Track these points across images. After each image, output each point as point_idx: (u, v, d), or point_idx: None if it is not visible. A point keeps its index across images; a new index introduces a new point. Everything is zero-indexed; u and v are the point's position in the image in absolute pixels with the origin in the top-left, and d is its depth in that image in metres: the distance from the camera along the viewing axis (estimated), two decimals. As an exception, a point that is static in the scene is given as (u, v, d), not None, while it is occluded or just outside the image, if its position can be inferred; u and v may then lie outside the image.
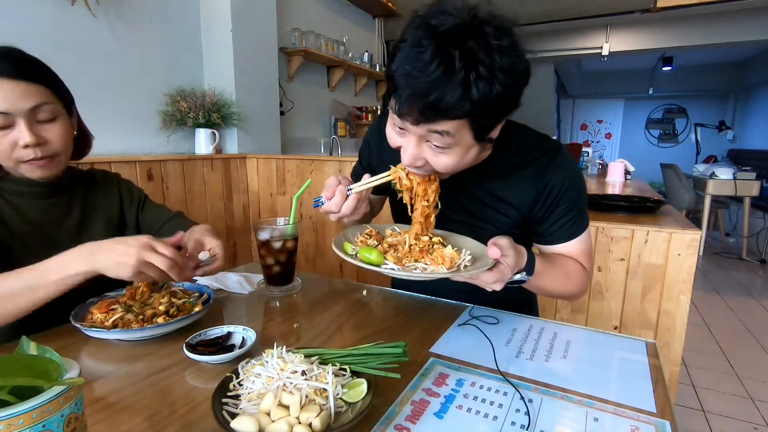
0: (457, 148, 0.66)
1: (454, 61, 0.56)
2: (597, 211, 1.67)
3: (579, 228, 0.84)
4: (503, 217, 0.85)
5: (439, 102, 0.57)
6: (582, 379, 0.64)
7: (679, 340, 1.43)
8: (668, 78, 8.00)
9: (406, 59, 0.58)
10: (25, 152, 0.80)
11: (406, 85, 0.59)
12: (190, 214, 2.16)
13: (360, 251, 0.71)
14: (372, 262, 0.68)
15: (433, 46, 0.56)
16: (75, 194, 0.96)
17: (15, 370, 0.36)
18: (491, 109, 0.61)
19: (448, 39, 0.56)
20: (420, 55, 0.57)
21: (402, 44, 0.60)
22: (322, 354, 0.60)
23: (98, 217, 0.99)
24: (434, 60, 0.56)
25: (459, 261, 0.71)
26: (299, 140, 3.28)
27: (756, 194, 4.24)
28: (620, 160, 3.16)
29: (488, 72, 0.56)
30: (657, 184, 6.04)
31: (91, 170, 1.05)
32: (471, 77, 0.56)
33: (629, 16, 3.88)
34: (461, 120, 0.61)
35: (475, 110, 0.59)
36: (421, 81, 0.57)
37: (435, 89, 0.57)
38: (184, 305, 0.81)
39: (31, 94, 0.78)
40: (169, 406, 0.57)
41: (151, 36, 2.18)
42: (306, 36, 3.08)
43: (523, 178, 0.82)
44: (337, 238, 0.77)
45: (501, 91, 0.58)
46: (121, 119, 2.07)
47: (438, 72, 0.56)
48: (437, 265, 0.70)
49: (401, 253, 0.73)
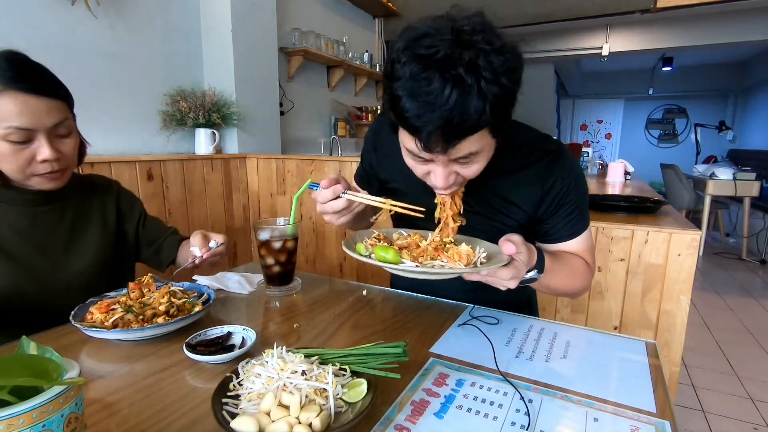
0: (483, 153, 0.67)
1: (463, 78, 0.56)
2: (597, 211, 1.67)
3: (581, 226, 0.85)
4: (508, 218, 0.86)
5: (463, 122, 0.58)
6: (582, 379, 0.64)
7: (679, 341, 1.43)
8: (668, 78, 8.00)
9: (415, 96, 0.58)
10: (42, 166, 0.82)
11: (427, 120, 0.58)
12: (190, 214, 2.17)
13: (375, 251, 0.71)
14: (389, 261, 0.68)
15: (438, 73, 0.56)
16: (68, 201, 0.96)
17: (15, 370, 0.36)
18: (505, 107, 0.62)
19: (448, 62, 0.56)
20: (429, 87, 0.57)
21: (397, 84, 0.59)
22: (322, 354, 0.60)
23: (93, 224, 0.99)
24: (446, 86, 0.56)
25: (475, 258, 0.71)
26: (299, 140, 3.28)
27: (756, 194, 4.24)
28: (620, 160, 3.16)
29: (493, 75, 0.57)
30: (657, 184, 6.04)
31: (90, 176, 1.05)
32: (483, 85, 0.57)
33: (629, 16, 3.88)
34: (483, 130, 0.62)
35: (494, 114, 0.59)
36: (443, 110, 0.57)
37: (457, 112, 0.57)
38: (184, 305, 0.81)
39: (54, 111, 0.80)
40: (169, 406, 0.57)
41: (151, 36, 2.18)
42: (306, 36, 3.08)
43: (527, 179, 0.82)
44: (347, 240, 0.77)
45: (509, 87, 0.60)
46: (121, 119, 2.07)
47: (455, 95, 0.56)
48: (454, 263, 0.69)
49: (416, 252, 0.73)
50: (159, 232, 1.10)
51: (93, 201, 1.01)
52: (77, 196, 0.98)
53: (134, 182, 1.89)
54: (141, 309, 0.77)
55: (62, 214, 0.94)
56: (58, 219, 0.93)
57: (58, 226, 0.93)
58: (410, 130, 0.62)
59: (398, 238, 0.82)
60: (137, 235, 1.08)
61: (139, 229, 1.08)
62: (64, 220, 0.94)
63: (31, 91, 0.77)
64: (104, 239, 1.00)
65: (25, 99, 0.76)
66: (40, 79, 0.80)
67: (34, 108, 0.77)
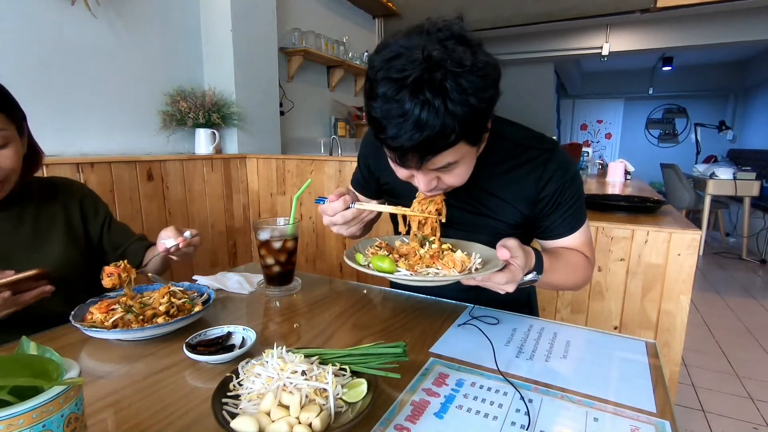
0: (463, 161, 0.69)
1: (431, 101, 0.58)
2: (597, 211, 1.67)
3: (578, 221, 0.86)
4: (504, 216, 0.86)
5: (433, 142, 0.61)
6: (582, 379, 0.64)
7: (679, 340, 1.43)
8: (668, 78, 8.00)
9: (388, 118, 0.61)
10: None
11: (399, 141, 0.61)
12: (189, 214, 2.17)
13: (372, 260, 0.74)
14: (385, 270, 0.71)
15: (408, 96, 0.59)
16: (26, 206, 0.94)
17: (15, 370, 0.36)
18: (478, 121, 0.63)
19: (417, 86, 0.59)
20: (401, 109, 0.59)
21: (374, 104, 0.62)
22: (322, 354, 0.60)
23: (56, 227, 0.97)
24: (415, 108, 0.59)
25: (470, 264, 0.74)
26: (299, 140, 3.28)
27: (756, 194, 4.24)
28: (620, 160, 3.17)
29: (462, 95, 0.59)
30: (657, 184, 6.05)
31: (51, 178, 1.03)
32: (450, 107, 0.59)
33: (629, 16, 3.88)
34: (458, 144, 0.63)
35: (464, 130, 0.61)
36: (413, 132, 0.60)
37: (427, 133, 0.59)
38: (184, 305, 0.81)
39: None
40: (169, 406, 0.57)
41: (151, 36, 2.18)
42: (306, 36, 3.08)
43: (521, 177, 0.83)
44: (349, 250, 0.80)
45: (479, 105, 0.61)
46: (121, 119, 2.07)
47: (424, 116, 0.59)
48: (449, 269, 0.72)
49: (413, 260, 0.75)
50: (125, 237, 1.08)
51: (56, 204, 0.99)
52: (37, 202, 0.96)
53: (134, 182, 1.89)
54: (141, 309, 0.77)
55: (19, 221, 0.93)
56: (15, 226, 0.92)
57: (19, 232, 0.92)
58: (386, 148, 0.66)
59: (400, 245, 0.84)
60: (101, 238, 1.05)
61: (104, 232, 1.06)
62: (24, 226, 0.93)
63: None
64: (71, 241, 0.98)
65: None
66: None
67: None
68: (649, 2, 3.36)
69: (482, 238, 0.85)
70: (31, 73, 1.71)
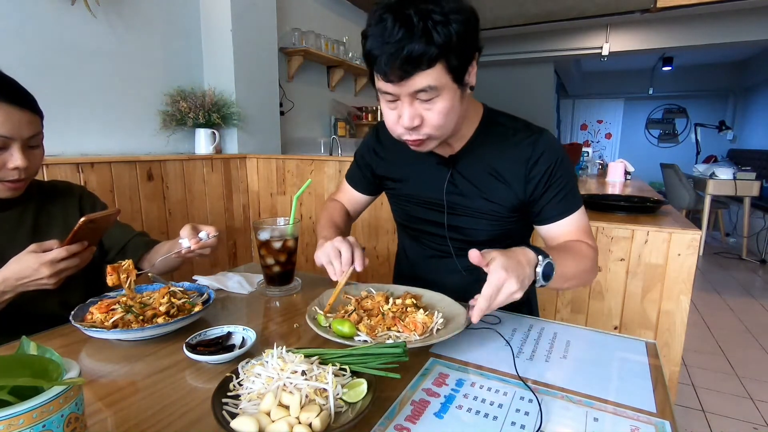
0: (443, 94, 0.73)
1: (412, 18, 0.66)
2: (597, 211, 1.67)
3: (572, 205, 0.87)
4: (501, 200, 0.88)
5: (411, 54, 0.67)
6: (582, 379, 0.64)
7: (679, 340, 1.43)
8: (668, 78, 8.00)
9: (375, 35, 0.69)
10: (11, 173, 0.85)
11: (381, 52, 0.69)
12: (189, 214, 2.17)
13: (333, 324, 0.74)
14: (345, 335, 0.71)
15: (391, 15, 0.67)
16: (27, 207, 0.96)
17: (15, 370, 0.36)
18: (457, 48, 0.69)
19: (401, 6, 0.67)
20: (384, 26, 0.68)
21: (369, 28, 0.71)
22: (322, 354, 0.60)
23: (53, 228, 0.98)
24: (396, 24, 0.67)
25: (431, 325, 0.74)
26: (299, 140, 3.28)
27: (756, 194, 4.24)
28: (620, 160, 3.16)
29: (442, 17, 0.66)
30: (657, 184, 6.04)
31: (52, 182, 1.05)
32: (429, 25, 0.66)
33: (629, 16, 3.89)
34: (436, 66, 0.69)
35: (444, 51, 0.68)
36: (391, 43, 0.67)
37: (404, 45, 0.66)
38: (184, 305, 0.81)
39: (31, 123, 0.85)
40: (169, 406, 0.57)
41: (151, 36, 2.18)
42: (306, 36, 3.08)
43: (513, 155, 0.87)
44: (310, 307, 0.81)
45: (459, 29, 0.67)
46: (121, 119, 2.07)
47: (402, 32, 0.66)
48: (410, 332, 0.72)
49: (374, 321, 0.76)
50: (125, 234, 1.08)
51: (55, 205, 1.01)
52: (37, 203, 0.98)
53: (134, 182, 1.89)
54: (141, 309, 0.77)
55: (21, 220, 0.94)
56: (15, 226, 0.93)
57: (18, 233, 0.93)
58: (372, 63, 0.72)
59: (366, 296, 0.85)
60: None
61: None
62: (24, 225, 0.94)
63: (15, 103, 0.82)
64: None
65: (9, 110, 0.81)
66: (24, 93, 0.85)
67: (16, 119, 0.82)
68: (649, 2, 3.36)
69: (483, 223, 0.90)
70: (31, 73, 1.71)
